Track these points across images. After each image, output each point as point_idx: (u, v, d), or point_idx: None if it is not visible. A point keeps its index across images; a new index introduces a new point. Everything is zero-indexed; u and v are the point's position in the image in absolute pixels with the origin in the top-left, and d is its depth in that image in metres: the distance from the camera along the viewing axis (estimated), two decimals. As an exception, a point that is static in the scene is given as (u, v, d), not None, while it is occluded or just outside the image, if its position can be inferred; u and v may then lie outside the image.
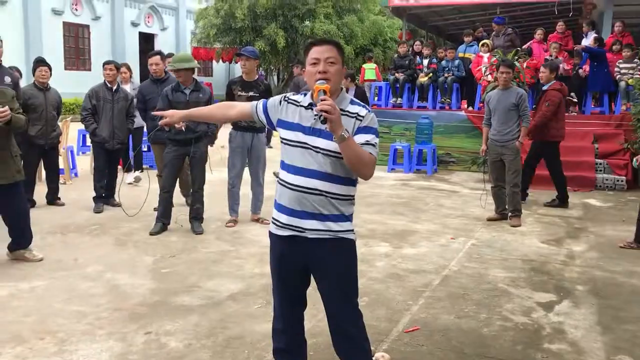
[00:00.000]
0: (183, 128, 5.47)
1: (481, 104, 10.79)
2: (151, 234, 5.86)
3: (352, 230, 2.54)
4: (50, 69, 6.90)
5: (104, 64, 7.17)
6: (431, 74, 10.93)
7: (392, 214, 7.03)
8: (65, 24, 21.37)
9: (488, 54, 10.43)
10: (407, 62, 11.11)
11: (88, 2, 22.47)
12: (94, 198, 7.00)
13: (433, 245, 5.72)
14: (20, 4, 19.81)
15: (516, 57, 9.43)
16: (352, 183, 2.53)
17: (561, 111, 7.45)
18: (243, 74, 6.33)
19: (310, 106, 2.47)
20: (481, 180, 9.33)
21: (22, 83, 7.60)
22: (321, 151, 2.41)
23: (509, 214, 6.69)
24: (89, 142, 10.73)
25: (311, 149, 2.42)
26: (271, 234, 2.63)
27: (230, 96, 6.23)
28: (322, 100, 2.24)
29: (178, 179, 6.31)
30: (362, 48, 22.34)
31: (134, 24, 24.62)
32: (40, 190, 7.19)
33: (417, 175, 9.92)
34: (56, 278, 4.60)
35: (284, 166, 2.54)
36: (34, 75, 6.83)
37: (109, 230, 6.07)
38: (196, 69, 6.09)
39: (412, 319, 3.86)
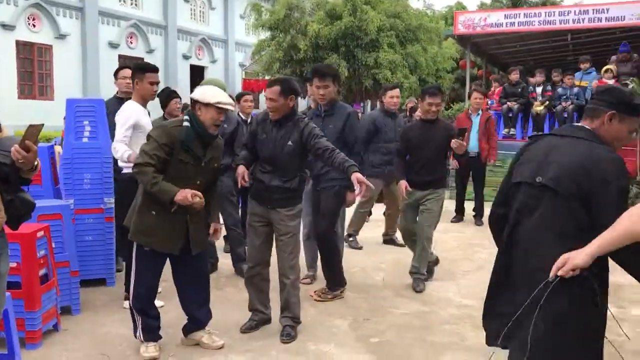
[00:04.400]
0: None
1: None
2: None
3: None
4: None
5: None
6: (547, 103, 10.11)
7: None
8: (120, 56, 21.05)
9: (613, 81, 9.62)
10: (519, 90, 10.30)
11: (143, 36, 22.24)
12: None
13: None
14: (78, 38, 19.57)
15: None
16: None
17: None
18: (314, 103, 5.31)
19: None
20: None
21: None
22: None
23: None
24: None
25: None
26: None
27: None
28: None
29: None
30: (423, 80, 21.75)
31: (186, 57, 24.32)
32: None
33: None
34: (254, 350, 3.79)
35: None
36: (164, 108, 6.14)
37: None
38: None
39: None
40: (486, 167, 8.27)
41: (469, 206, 8.40)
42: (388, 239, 6.91)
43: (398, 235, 6.52)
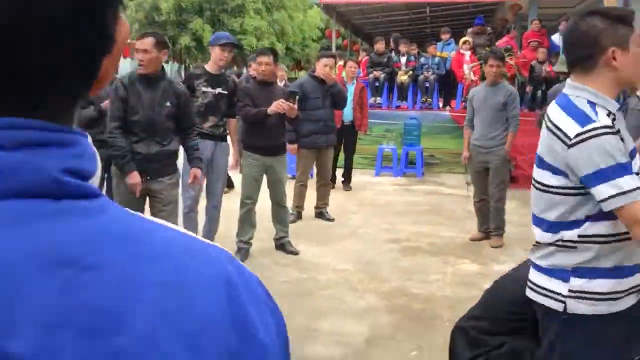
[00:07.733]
0: None
1: (463, 103, 10.62)
2: None
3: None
4: None
5: None
6: (411, 72, 10.51)
7: (434, 224, 6.47)
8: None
9: (469, 52, 10.20)
10: (385, 59, 10.59)
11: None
12: None
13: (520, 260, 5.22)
14: None
15: (508, 54, 9.27)
16: None
17: None
18: (211, 66, 4.79)
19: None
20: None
21: None
22: None
23: (492, 232, 5.70)
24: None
25: None
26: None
27: (190, 91, 4.60)
28: None
29: None
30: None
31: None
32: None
33: (408, 179, 9.44)
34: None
35: None
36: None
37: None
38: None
39: None
40: (357, 135, 8.42)
41: (339, 173, 8.55)
42: (318, 212, 6.51)
43: (329, 209, 6.54)
